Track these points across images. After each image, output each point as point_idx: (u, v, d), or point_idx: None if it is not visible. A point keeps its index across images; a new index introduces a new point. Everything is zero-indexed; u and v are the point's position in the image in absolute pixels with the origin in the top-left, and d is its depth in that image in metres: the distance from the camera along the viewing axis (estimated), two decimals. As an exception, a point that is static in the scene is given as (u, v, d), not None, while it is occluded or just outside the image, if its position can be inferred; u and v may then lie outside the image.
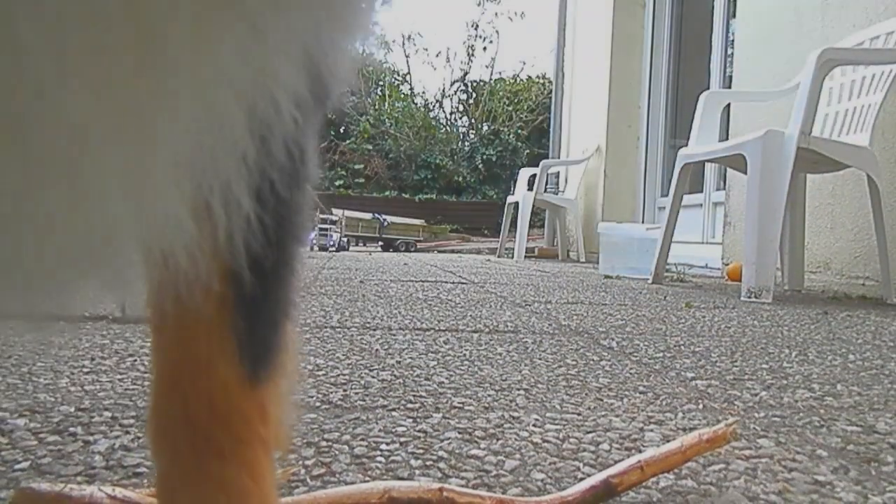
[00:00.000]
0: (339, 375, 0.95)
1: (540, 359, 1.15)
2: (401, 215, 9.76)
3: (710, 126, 3.18)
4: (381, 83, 14.53)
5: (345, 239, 7.98)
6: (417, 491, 0.47)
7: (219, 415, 0.37)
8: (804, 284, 3.02)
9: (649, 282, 3.17)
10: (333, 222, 7.83)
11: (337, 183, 13.52)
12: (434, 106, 14.95)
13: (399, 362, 1.07)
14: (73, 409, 0.73)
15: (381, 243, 8.59)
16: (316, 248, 7.05)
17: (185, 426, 0.37)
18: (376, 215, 8.83)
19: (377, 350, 1.16)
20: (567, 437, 0.71)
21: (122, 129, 0.25)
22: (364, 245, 8.89)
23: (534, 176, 6.06)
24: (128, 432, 0.66)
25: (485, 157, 13.55)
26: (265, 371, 0.38)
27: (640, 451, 0.59)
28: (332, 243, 7.46)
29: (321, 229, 7.50)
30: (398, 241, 8.64)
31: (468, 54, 14.31)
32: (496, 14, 17.77)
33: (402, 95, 15.01)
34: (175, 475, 0.38)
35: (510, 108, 13.93)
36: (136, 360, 0.99)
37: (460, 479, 0.58)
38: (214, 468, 0.37)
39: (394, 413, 0.78)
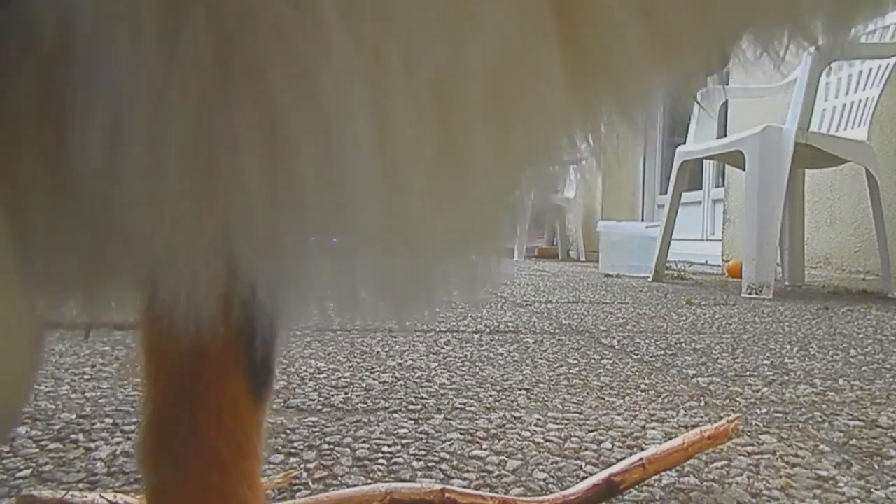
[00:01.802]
0: (340, 378, 0.95)
1: (541, 358, 1.15)
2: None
3: (708, 123, 3.18)
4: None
5: None
6: (419, 492, 0.47)
7: (225, 428, 0.38)
8: (804, 280, 3.02)
9: (649, 280, 3.17)
10: None
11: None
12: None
13: (400, 364, 1.07)
14: (74, 417, 0.73)
15: None
16: None
17: (190, 437, 0.37)
18: None
19: (378, 352, 1.16)
20: (569, 437, 0.71)
21: None
22: None
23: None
24: (129, 439, 0.66)
25: (483, 157, 13.58)
26: (265, 389, 0.39)
27: (643, 449, 0.59)
28: None
29: None
30: None
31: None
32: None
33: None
34: (175, 486, 0.38)
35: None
36: (137, 367, 0.99)
37: (462, 479, 0.58)
38: (216, 479, 0.37)
39: (395, 415, 0.77)
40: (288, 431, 0.70)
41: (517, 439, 0.70)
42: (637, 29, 0.27)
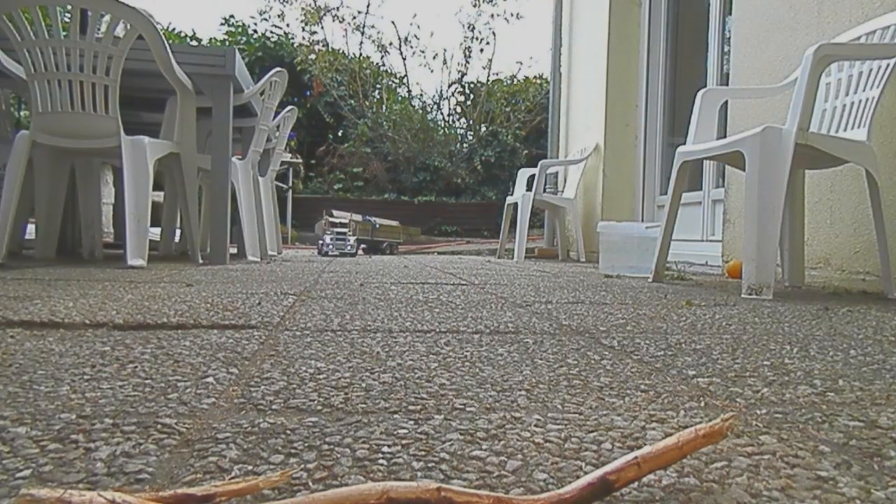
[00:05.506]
0: (340, 378, 0.95)
1: (541, 359, 1.15)
2: (400, 218, 9.71)
3: (708, 123, 3.18)
4: (378, 86, 14.52)
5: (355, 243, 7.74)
6: (415, 491, 0.47)
7: None
8: (804, 280, 3.02)
9: (650, 280, 3.17)
10: (345, 225, 7.60)
11: (336, 186, 13.52)
12: (432, 108, 14.93)
13: (400, 364, 1.07)
14: (74, 417, 0.73)
15: (364, 246, 8.38)
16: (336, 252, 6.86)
17: None
18: (367, 218, 8.68)
19: (378, 353, 1.16)
20: (569, 437, 0.71)
21: None
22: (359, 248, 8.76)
23: (532, 176, 6.06)
24: (129, 439, 0.66)
25: (483, 158, 13.54)
26: None
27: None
28: (349, 248, 7.21)
29: (338, 234, 7.26)
30: (384, 244, 8.51)
31: (465, 56, 14.29)
32: (493, 15, 17.79)
33: (400, 98, 15.00)
34: None
35: (508, 109, 13.91)
36: (136, 367, 0.99)
37: (462, 480, 0.58)
38: None
39: (395, 415, 0.77)
40: (288, 431, 0.70)
41: (517, 440, 0.70)
42: None
